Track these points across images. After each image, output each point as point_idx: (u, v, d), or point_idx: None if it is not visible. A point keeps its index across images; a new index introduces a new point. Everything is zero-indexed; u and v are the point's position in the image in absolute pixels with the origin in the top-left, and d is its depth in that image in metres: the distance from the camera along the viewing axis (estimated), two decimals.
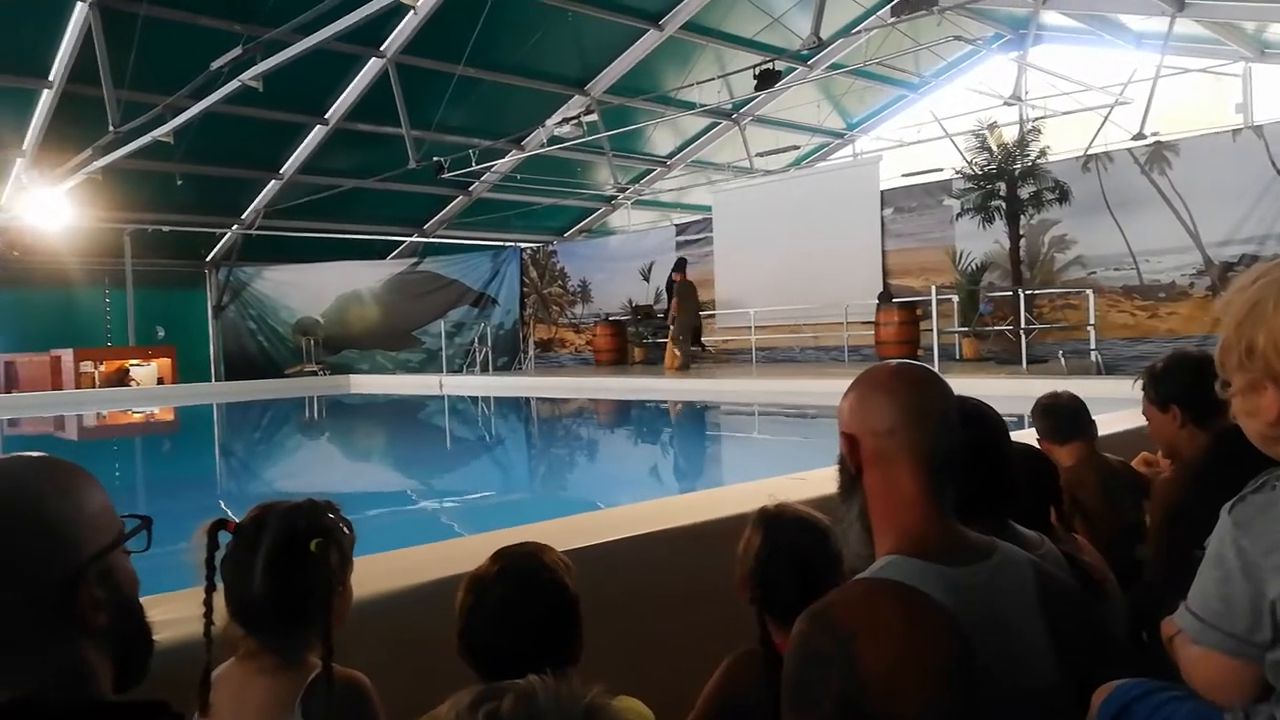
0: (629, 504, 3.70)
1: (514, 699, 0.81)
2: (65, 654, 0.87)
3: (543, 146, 16.56)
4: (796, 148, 19.47)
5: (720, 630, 1.80)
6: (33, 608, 0.85)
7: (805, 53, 12.82)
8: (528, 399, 15.59)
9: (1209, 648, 1.15)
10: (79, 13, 11.88)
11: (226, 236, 19.50)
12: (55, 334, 17.45)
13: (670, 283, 15.85)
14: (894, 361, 1.38)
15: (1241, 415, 1.14)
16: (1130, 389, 2.71)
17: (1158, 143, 12.87)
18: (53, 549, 0.87)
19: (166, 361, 18.08)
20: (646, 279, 18.42)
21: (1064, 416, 2.84)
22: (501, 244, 21.69)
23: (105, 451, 11.77)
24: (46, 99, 13.37)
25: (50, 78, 12.98)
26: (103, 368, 17.16)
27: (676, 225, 19.30)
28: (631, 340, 17.84)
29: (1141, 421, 2.64)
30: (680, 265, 16.11)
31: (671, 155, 20.27)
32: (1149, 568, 2.16)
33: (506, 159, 17.86)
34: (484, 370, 18.35)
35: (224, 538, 1.38)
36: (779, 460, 8.95)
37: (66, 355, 16.83)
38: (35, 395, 16.21)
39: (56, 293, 18.24)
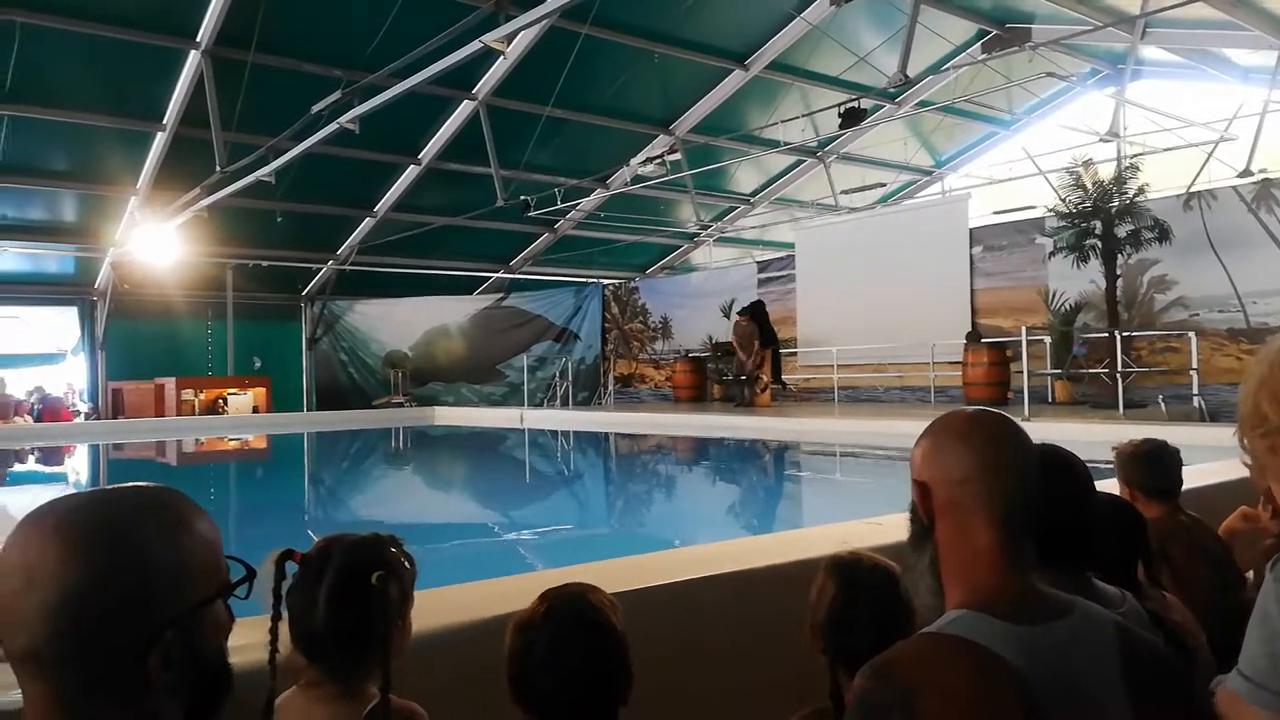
0: (689, 546, 3.64)
1: None
2: (139, 706, 0.83)
3: (627, 185, 16.75)
4: (883, 185, 19.25)
5: (780, 684, 1.75)
6: (115, 659, 0.81)
7: (892, 90, 12.67)
8: (606, 434, 15.64)
9: (1260, 708, 1.10)
10: (192, 60, 12.60)
11: (322, 271, 20.25)
12: (160, 363, 18.34)
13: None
14: (970, 408, 1.34)
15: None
16: (1232, 437, 2.57)
17: (1265, 180, 12.32)
18: (148, 598, 0.82)
19: (262, 391, 18.78)
20: (727, 316, 18.40)
21: (1169, 469, 2.63)
22: (585, 280, 21.97)
23: (200, 476, 12.23)
24: (160, 141, 14.17)
25: (164, 121, 13.76)
26: (202, 396, 17.91)
27: (758, 262, 19.27)
28: (711, 377, 17.79)
29: (1243, 473, 2.49)
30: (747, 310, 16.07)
31: (755, 193, 20.27)
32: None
33: (591, 197, 18.16)
34: (564, 405, 18.51)
35: (291, 568, 1.41)
36: (858, 503, 8.76)
37: (169, 383, 17.64)
38: (139, 421, 16.98)
39: (162, 324, 19.17)
